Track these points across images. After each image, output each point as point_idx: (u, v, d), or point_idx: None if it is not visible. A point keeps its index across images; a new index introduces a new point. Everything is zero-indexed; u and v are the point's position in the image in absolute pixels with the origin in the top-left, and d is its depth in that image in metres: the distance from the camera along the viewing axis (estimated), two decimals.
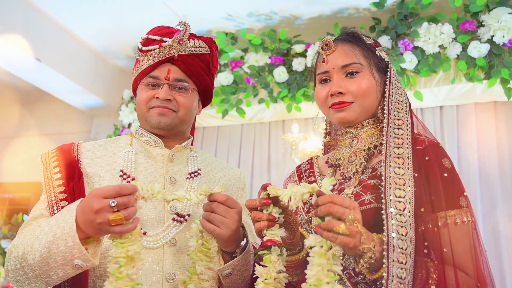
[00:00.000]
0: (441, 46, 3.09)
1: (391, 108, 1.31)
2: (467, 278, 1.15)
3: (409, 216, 1.13)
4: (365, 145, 1.36)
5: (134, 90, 1.56)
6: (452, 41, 3.05)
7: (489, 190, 3.14)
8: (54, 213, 1.32)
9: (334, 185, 1.33)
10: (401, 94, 1.36)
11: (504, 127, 3.20)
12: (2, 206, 5.04)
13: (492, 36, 2.93)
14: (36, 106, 5.31)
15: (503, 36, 2.88)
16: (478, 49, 2.93)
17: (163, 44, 1.46)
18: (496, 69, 2.91)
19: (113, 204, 1.10)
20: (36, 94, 4.75)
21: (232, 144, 4.11)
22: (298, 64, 3.45)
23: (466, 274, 1.15)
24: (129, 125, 4.06)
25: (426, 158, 1.24)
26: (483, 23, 2.99)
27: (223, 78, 3.63)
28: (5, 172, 5.17)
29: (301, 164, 1.60)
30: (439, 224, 1.17)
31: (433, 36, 3.05)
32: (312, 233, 1.20)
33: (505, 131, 3.19)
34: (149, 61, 1.46)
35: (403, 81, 3.15)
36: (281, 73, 3.47)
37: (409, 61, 3.10)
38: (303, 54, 3.53)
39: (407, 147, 1.24)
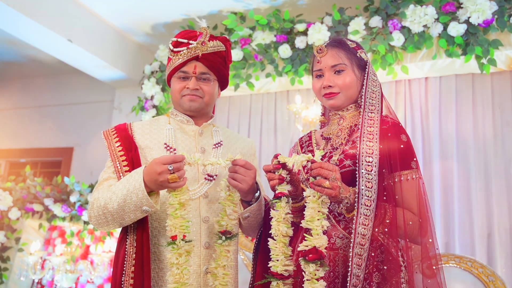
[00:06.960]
0: (425, 26, 3.20)
1: (367, 97, 1.60)
2: (412, 215, 1.47)
3: (374, 175, 1.44)
4: (348, 124, 1.64)
5: (168, 81, 1.80)
6: (435, 21, 3.17)
7: (464, 152, 3.31)
8: (120, 177, 1.59)
9: (325, 154, 1.63)
10: (375, 86, 1.63)
11: (479, 94, 3.38)
12: (36, 169, 5.22)
13: (469, 17, 3.04)
14: (64, 79, 5.39)
15: (478, 17, 3.00)
16: (456, 29, 3.07)
17: (190, 46, 1.69)
18: (471, 47, 3.07)
19: (170, 168, 1.41)
20: (65, 68, 4.82)
21: (242, 113, 4.23)
22: (300, 42, 3.56)
23: (412, 213, 1.47)
24: (152, 97, 4.15)
25: (389, 134, 1.53)
26: (462, 5, 3.09)
27: (234, 55, 3.67)
28: (37, 138, 5.33)
29: (303, 136, 1.86)
30: (395, 180, 1.48)
31: (418, 17, 3.16)
32: (308, 188, 1.45)
33: (480, 99, 3.37)
34: (179, 60, 1.70)
35: (392, 57, 3.29)
36: (285, 50, 3.59)
37: (397, 39, 3.25)
38: (304, 33, 3.60)
39: (376, 126, 1.53)
